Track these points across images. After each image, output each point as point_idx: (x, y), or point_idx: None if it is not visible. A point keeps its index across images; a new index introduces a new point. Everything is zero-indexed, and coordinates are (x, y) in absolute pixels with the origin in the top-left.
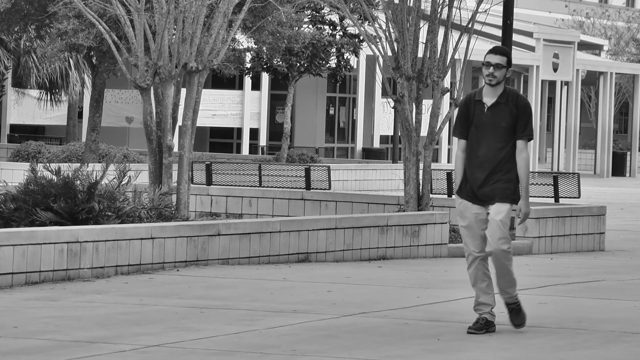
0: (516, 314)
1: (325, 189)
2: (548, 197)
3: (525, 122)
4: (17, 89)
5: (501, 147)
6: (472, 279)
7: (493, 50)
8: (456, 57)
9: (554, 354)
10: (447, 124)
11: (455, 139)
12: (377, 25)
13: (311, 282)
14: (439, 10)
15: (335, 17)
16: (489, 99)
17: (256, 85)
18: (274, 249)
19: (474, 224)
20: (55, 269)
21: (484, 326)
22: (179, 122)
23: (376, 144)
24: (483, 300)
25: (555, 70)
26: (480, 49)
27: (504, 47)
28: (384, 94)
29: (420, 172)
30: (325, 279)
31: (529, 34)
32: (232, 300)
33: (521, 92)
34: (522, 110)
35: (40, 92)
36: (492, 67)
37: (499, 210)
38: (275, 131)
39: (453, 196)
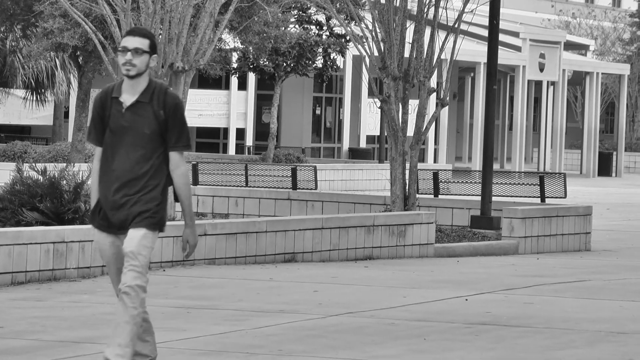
0: None
1: (311, 189)
2: (534, 197)
3: (178, 128)
4: (2, 88)
5: (143, 159)
6: None
7: (130, 32)
8: (442, 57)
9: (541, 353)
10: (434, 124)
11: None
12: (363, 25)
13: (297, 282)
14: (426, 10)
15: (321, 17)
16: (128, 96)
17: (242, 85)
18: (260, 249)
19: (112, 261)
20: (42, 269)
21: None
22: None
23: (362, 144)
24: (138, 349)
25: (541, 70)
26: (467, 49)
27: (145, 28)
28: (371, 94)
29: (407, 172)
30: (312, 279)
31: (516, 34)
32: (218, 300)
33: (507, 92)
34: (171, 112)
35: (26, 92)
36: (129, 53)
37: (131, 237)
38: (261, 131)
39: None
